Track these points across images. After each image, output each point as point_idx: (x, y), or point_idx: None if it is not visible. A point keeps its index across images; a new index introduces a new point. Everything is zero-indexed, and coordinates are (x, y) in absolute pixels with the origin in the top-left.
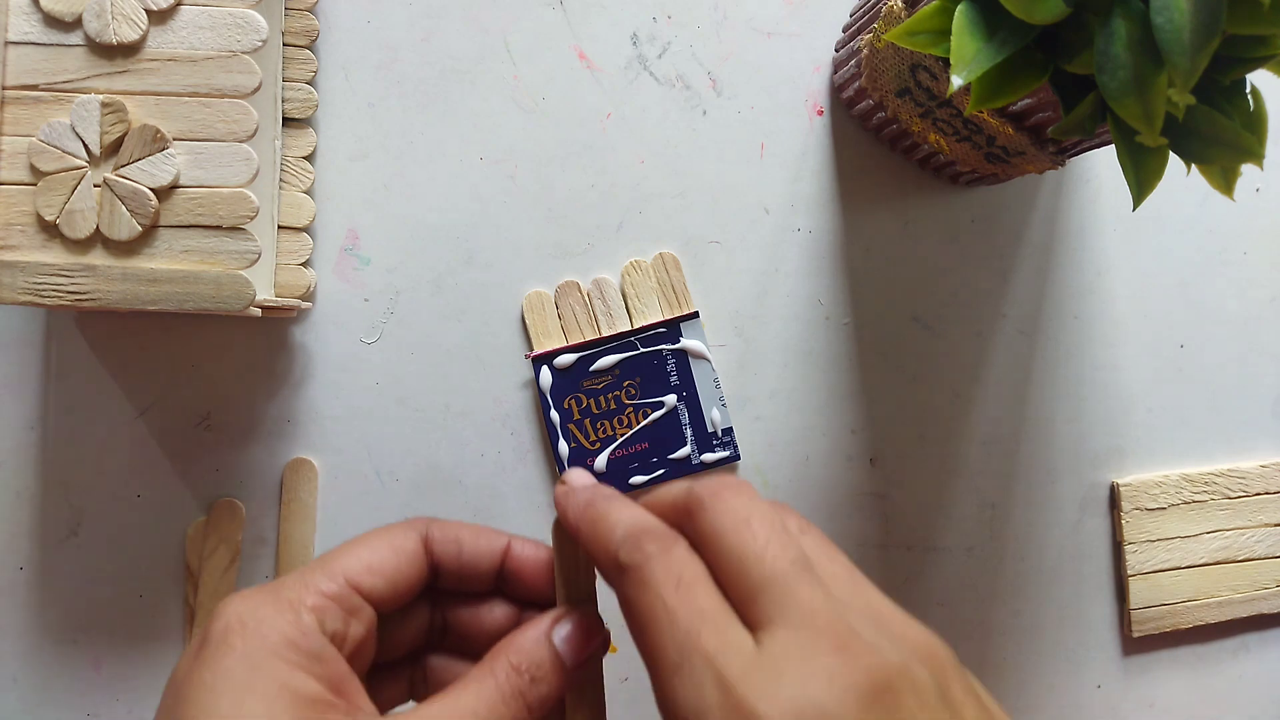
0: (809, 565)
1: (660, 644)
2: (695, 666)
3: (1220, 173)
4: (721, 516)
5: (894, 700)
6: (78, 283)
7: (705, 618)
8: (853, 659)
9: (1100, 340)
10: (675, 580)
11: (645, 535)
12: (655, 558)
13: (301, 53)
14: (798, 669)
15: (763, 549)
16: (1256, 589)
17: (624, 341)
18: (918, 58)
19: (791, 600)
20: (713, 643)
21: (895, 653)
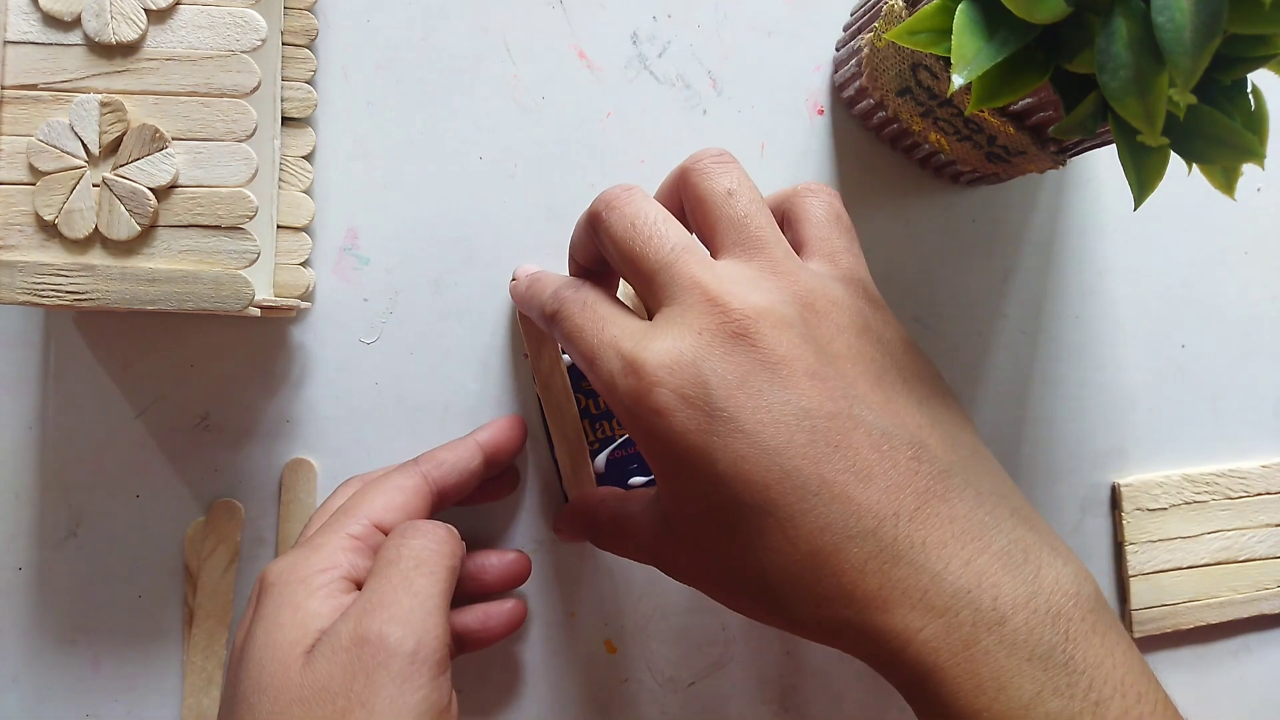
0: (691, 248)
1: (582, 349)
2: (603, 351)
3: (1221, 172)
4: (613, 224)
5: (754, 339)
6: (76, 282)
7: (607, 319)
8: (718, 313)
9: (1101, 340)
10: (583, 305)
11: (563, 285)
12: (570, 298)
13: (301, 52)
14: (674, 328)
15: (646, 243)
16: (1258, 589)
17: None
18: (918, 57)
19: (673, 281)
20: (613, 331)
21: (763, 299)
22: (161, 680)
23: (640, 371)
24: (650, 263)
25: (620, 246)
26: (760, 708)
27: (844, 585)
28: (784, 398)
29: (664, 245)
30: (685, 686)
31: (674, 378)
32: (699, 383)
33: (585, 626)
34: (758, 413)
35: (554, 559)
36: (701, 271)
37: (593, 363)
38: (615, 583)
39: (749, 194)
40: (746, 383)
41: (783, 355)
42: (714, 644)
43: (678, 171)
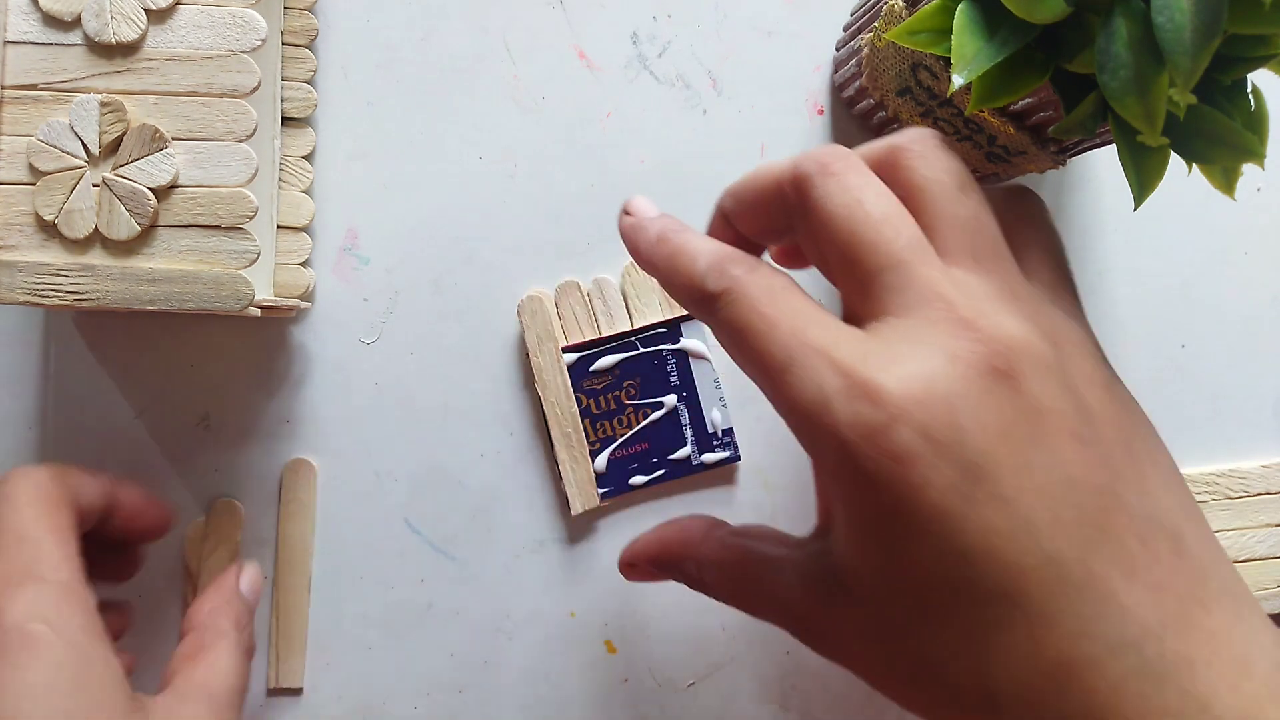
0: (926, 247)
1: (764, 349)
2: (807, 360)
3: (1221, 172)
4: (831, 195)
5: (1017, 382)
6: (76, 282)
7: (807, 317)
8: (974, 339)
9: (1101, 340)
10: (767, 290)
11: (728, 259)
12: (743, 277)
13: (301, 52)
14: (917, 350)
15: (876, 231)
16: (1258, 589)
17: (624, 341)
18: (918, 57)
19: (907, 285)
20: (821, 336)
21: (1020, 330)
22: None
23: (875, 396)
24: (878, 257)
25: (838, 227)
26: (760, 708)
27: (1094, 707)
28: (1049, 460)
29: (898, 238)
30: (685, 686)
31: (923, 414)
32: (952, 424)
33: (585, 626)
34: (1020, 476)
35: (554, 559)
36: (943, 280)
37: (785, 371)
38: (615, 583)
39: (979, 193)
40: (1008, 435)
41: (1047, 406)
42: (714, 644)
43: (885, 149)
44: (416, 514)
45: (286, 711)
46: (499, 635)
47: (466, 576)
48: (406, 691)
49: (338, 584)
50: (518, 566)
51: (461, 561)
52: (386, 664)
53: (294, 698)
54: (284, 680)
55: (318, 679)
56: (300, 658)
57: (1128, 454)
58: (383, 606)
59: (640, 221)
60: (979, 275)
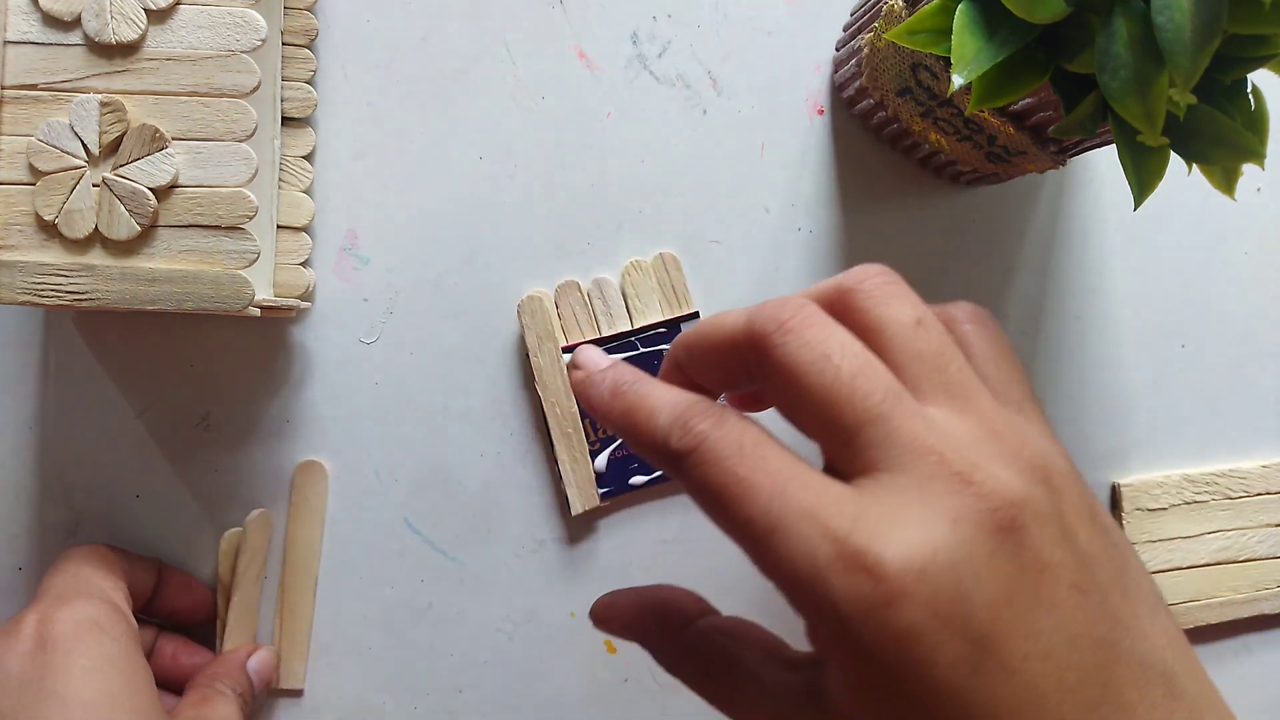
0: (902, 395)
1: (743, 514)
2: (793, 525)
3: (1221, 172)
4: (796, 353)
5: (1021, 536)
6: (76, 282)
7: (786, 475)
8: (974, 496)
9: (1101, 340)
10: (738, 447)
11: (690, 413)
12: (710, 433)
13: (300, 52)
14: (918, 512)
15: (849, 387)
16: (1258, 589)
17: (624, 341)
18: (918, 57)
19: (892, 439)
20: (805, 496)
21: (1017, 481)
22: None
23: (878, 572)
24: (857, 413)
25: (810, 385)
26: None
27: None
28: (1053, 622)
29: (874, 390)
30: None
31: (928, 588)
32: (959, 595)
33: (585, 626)
34: (1027, 643)
35: (554, 559)
36: (927, 430)
37: (769, 536)
38: (615, 583)
39: (938, 325)
40: (1014, 599)
41: (1048, 560)
42: None
43: (834, 290)
44: (416, 514)
45: (287, 711)
46: (499, 635)
47: (466, 576)
48: (406, 691)
49: (338, 584)
50: (518, 566)
51: (461, 561)
52: (386, 664)
53: (295, 698)
54: (286, 681)
55: (318, 679)
56: (303, 660)
57: (1122, 594)
58: (383, 606)
59: (591, 376)
60: (958, 415)
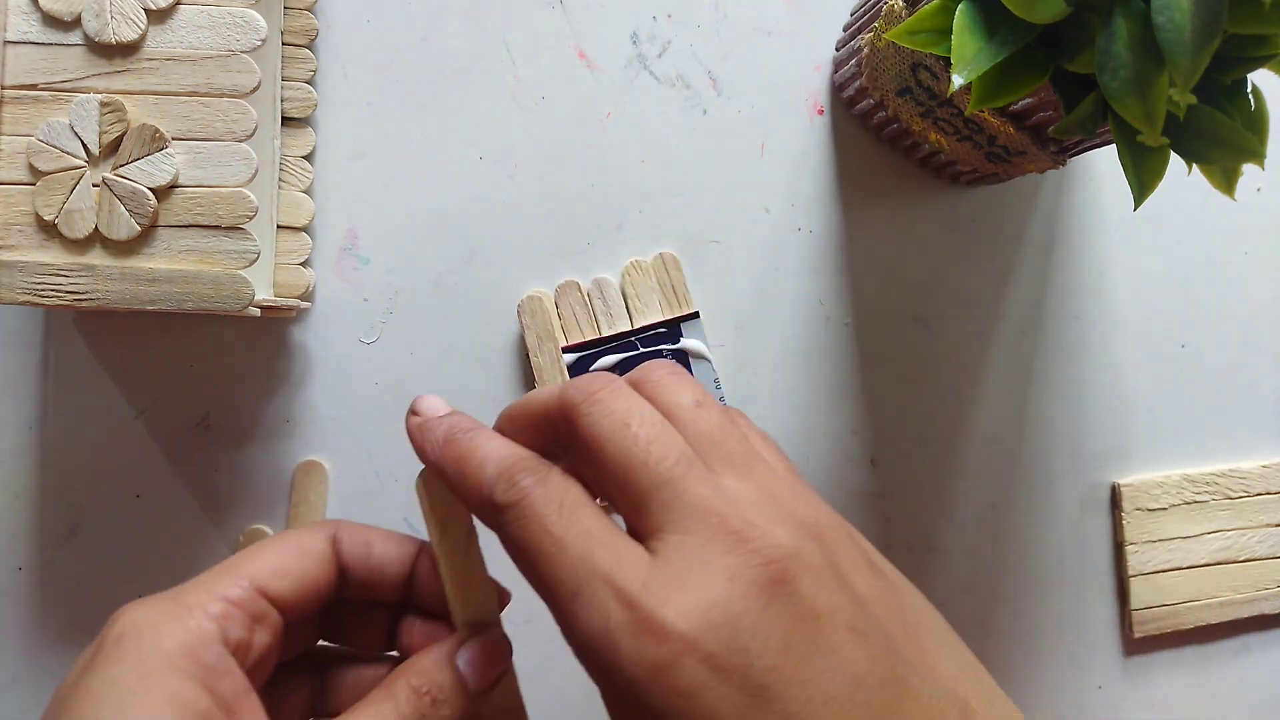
0: (694, 461)
1: (553, 574)
2: (594, 589)
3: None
4: (599, 422)
5: (792, 587)
6: (76, 282)
7: (594, 539)
8: (748, 553)
9: (1101, 340)
10: (557, 507)
11: (517, 468)
12: (532, 490)
13: (300, 52)
14: (697, 573)
15: (645, 452)
16: (1258, 589)
17: (624, 341)
18: (918, 57)
19: (680, 501)
20: (607, 560)
21: (788, 536)
22: None
23: (661, 634)
24: (650, 477)
25: (609, 451)
26: None
27: None
28: (832, 664)
29: (667, 456)
30: None
31: (707, 643)
32: (736, 648)
33: None
34: (806, 688)
35: None
36: (712, 494)
37: (573, 598)
38: None
39: (715, 406)
40: (790, 647)
41: (823, 607)
42: None
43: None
44: (416, 514)
45: None
46: None
47: None
48: None
49: None
50: None
51: None
52: None
53: None
54: None
55: None
56: None
57: (904, 631)
58: None
59: (427, 422)
60: (741, 480)
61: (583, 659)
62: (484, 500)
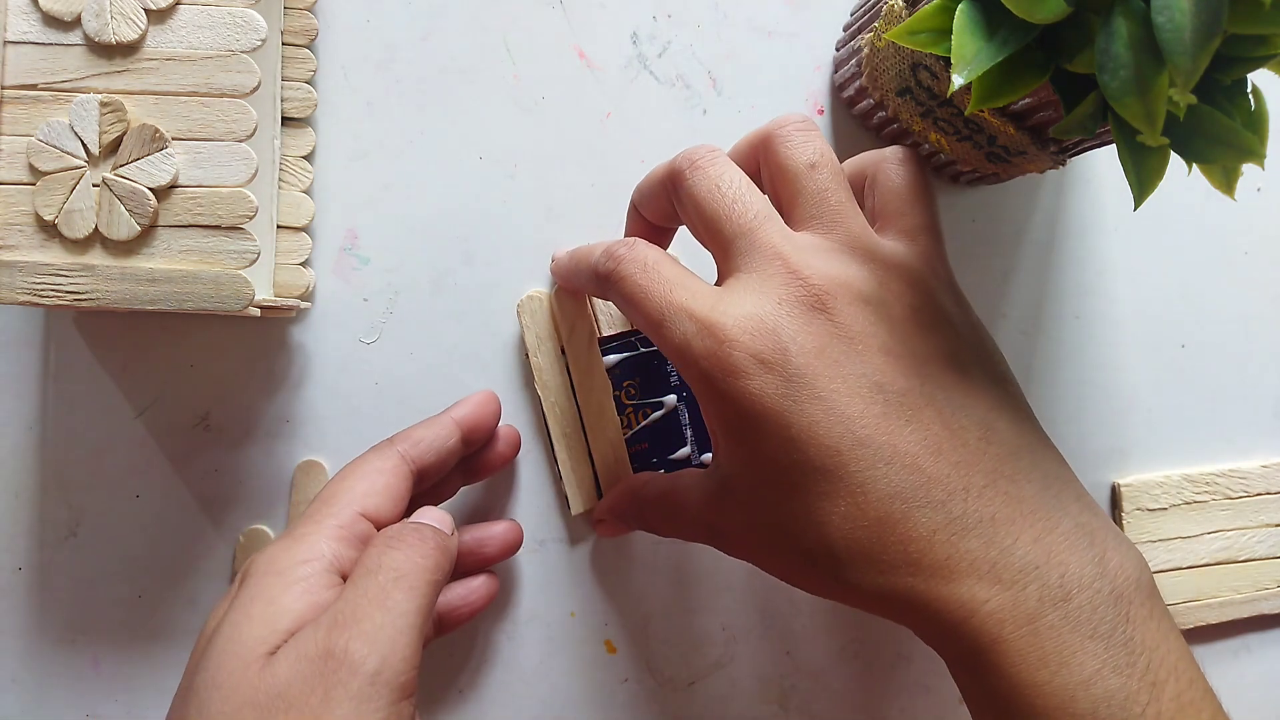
0: (770, 215)
1: (645, 312)
2: (673, 315)
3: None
4: (697, 184)
5: (831, 312)
6: (76, 283)
7: (671, 283)
8: (799, 281)
9: (1101, 340)
10: (641, 265)
11: (614, 244)
12: (624, 257)
13: (300, 52)
14: (752, 294)
15: (730, 208)
16: (1258, 589)
17: (624, 341)
18: (918, 57)
19: (753, 248)
20: (682, 295)
21: (840, 274)
22: (161, 679)
23: (717, 333)
24: (731, 227)
25: (702, 208)
26: (760, 708)
27: (910, 553)
28: (860, 370)
29: (746, 212)
30: (685, 686)
31: (753, 341)
32: (778, 347)
33: (585, 626)
34: (834, 381)
35: (554, 559)
36: (782, 242)
37: (660, 325)
38: (615, 583)
39: (831, 167)
40: (824, 352)
41: (859, 330)
42: (714, 644)
43: (760, 134)
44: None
45: None
46: (499, 635)
47: None
48: None
49: None
50: (518, 566)
51: None
52: None
53: None
54: None
55: None
56: None
57: (947, 363)
58: None
59: (558, 257)
60: (819, 235)
61: (676, 366)
62: (595, 274)
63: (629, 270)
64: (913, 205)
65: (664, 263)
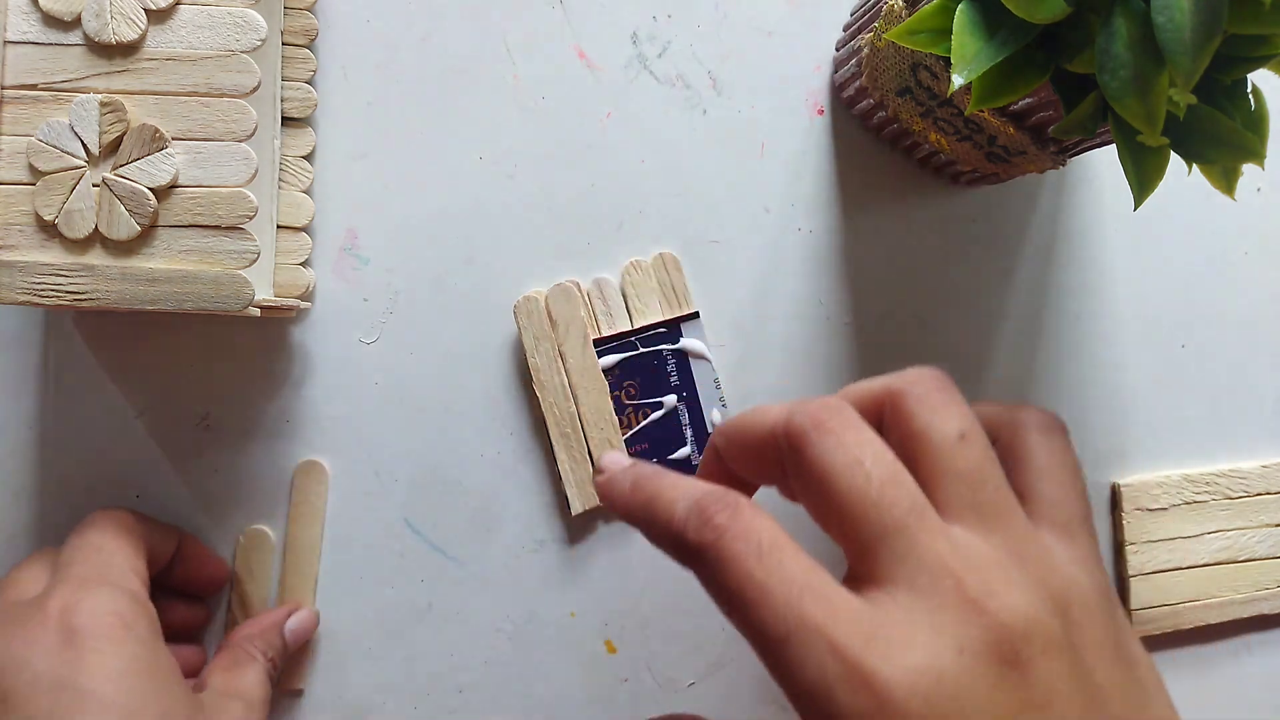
0: (927, 510)
1: (759, 619)
2: (806, 639)
3: (1221, 172)
4: (830, 454)
5: (1025, 669)
6: (76, 283)
7: (800, 584)
8: (983, 626)
9: (1101, 340)
10: (756, 550)
11: (709, 503)
12: (727, 530)
13: (300, 52)
14: (925, 636)
15: (878, 494)
16: (1258, 589)
17: (624, 342)
18: (918, 57)
19: (913, 555)
20: (818, 612)
21: (1029, 608)
22: None
23: (884, 695)
24: (880, 521)
25: (839, 488)
26: (760, 708)
27: None
28: None
29: (900, 502)
30: (685, 687)
31: (932, 713)
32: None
33: (585, 626)
34: None
35: (554, 559)
36: (949, 551)
37: (784, 646)
38: (615, 583)
39: (981, 440)
40: None
41: (1055, 691)
42: (714, 644)
43: (885, 389)
44: (416, 514)
45: (287, 711)
46: (499, 635)
47: (466, 576)
48: (406, 691)
49: (338, 584)
50: (518, 566)
51: (461, 561)
52: (386, 664)
53: (295, 698)
54: (286, 681)
55: (318, 679)
56: (305, 660)
57: None
58: (383, 606)
59: (614, 475)
60: (982, 536)
61: (795, 704)
62: (677, 540)
63: (736, 551)
64: (1068, 491)
65: (785, 547)
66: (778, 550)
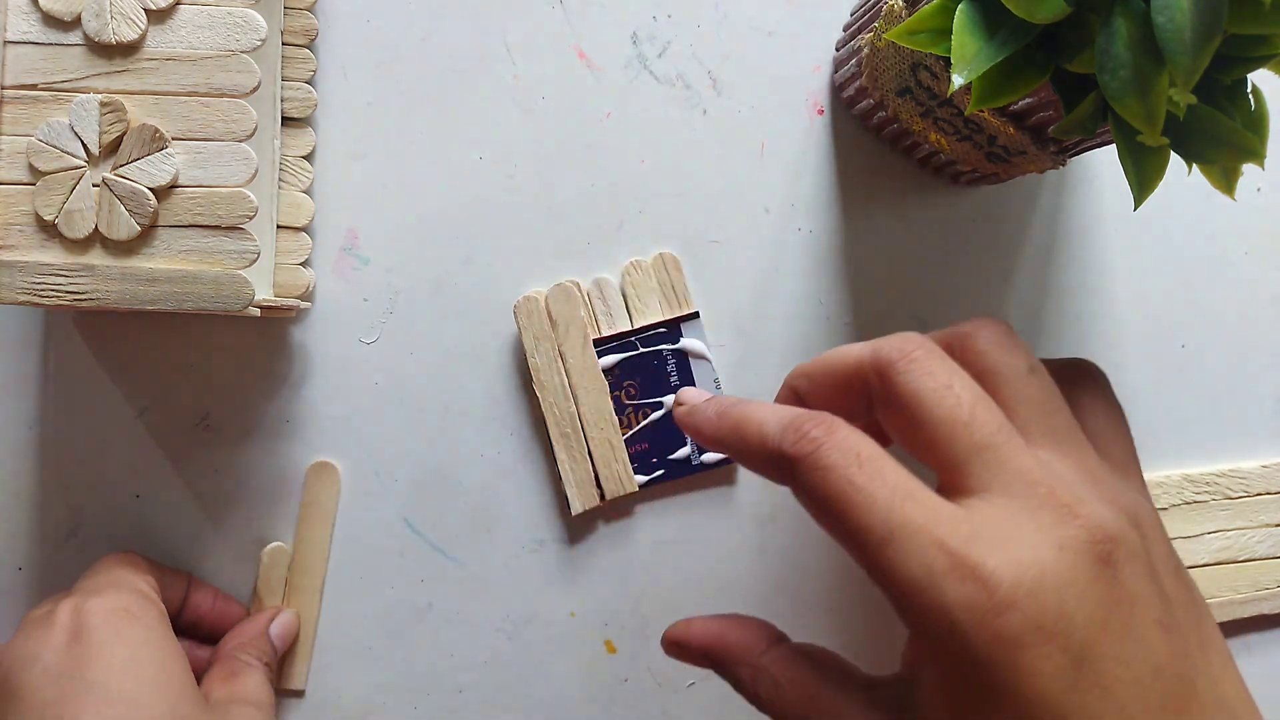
0: (1014, 432)
1: (861, 522)
2: (910, 537)
3: (1221, 172)
4: (919, 380)
5: (1115, 570)
6: (76, 283)
7: (902, 490)
8: (1078, 526)
9: (1101, 340)
10: (855, 459)
11: (804, 421)
12: (824, 442)
13: (300, 52)
14: (1027, 534)
15: (970, 414)
16: (1258, 589)
17: (624, 342)
18: (918, 57)
19: (1005, 468)
20: (920, 513)
21: (1114, 518)
22: None
23: (991, 584)
24: (971, 440)
25: (931, 412)
26: None
27: None
28: (1141, 651)
29: (989, 422)
30: (685, 687)
31: (1035, 602)
32: (1063, 615)
33: (585, 626)
34: (1119, 666)
35: (554, 559)
36: (1036, 465)
37: (887, 546)
38: (615, 583)
39: (1047, 375)
40: (1109, 625)
41: (1138, 594)
42: None
43: (954, 334)
44: (416, 514)
45: (288, 711)
46: (499, 635)
47: (466, 576)
48: (406, 691)
49: (339, 584)
50: (518, 566)
51: (461, 561)
52: (386, 664)
53: (296, 698)
54: (288, 682)
55: (319, 679)
56: (306, 660)
57: (1199, 641)
58: (383, 606)
59: (694, 405)
60: (1061, 457)
61: (897, 601)
62: (773, 454)
63: (835, 460)
64: (1120, 432)
65: (883, 458)
66: (877, 459)
